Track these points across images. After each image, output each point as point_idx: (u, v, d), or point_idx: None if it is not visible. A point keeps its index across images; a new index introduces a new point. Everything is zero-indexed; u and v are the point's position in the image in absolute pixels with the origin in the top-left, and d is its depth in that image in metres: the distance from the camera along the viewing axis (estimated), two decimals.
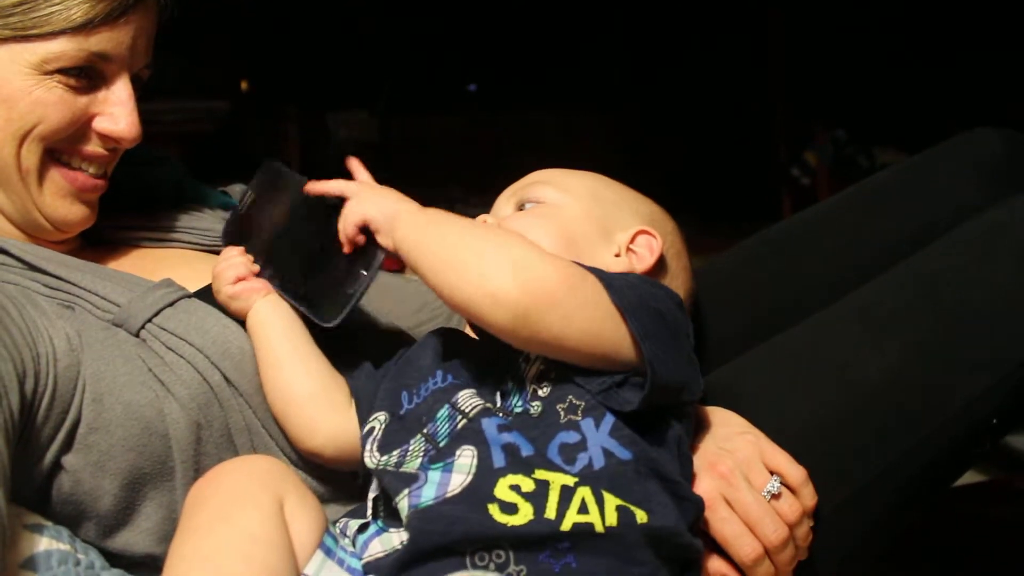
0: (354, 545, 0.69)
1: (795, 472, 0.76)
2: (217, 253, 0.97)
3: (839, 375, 0.85)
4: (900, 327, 0.86)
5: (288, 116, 3.63)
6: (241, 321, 0.83)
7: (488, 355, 0.72)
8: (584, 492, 0.63)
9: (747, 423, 0.79)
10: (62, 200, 0.86)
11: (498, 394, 0.71)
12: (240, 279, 0.83)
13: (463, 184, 3.56)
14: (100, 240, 0.94)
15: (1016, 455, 1.65)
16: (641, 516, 0.64)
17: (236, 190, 1.16)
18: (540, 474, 0.64)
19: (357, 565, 0.67)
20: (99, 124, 0.85)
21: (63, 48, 0.80)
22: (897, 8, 3.23)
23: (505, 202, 0.85)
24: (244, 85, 3.71)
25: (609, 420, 0.67)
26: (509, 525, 0.62)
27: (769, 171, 3.56)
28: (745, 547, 0.73)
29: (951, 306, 0.85)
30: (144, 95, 0.89)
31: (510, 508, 0.62)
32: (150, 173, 1.07)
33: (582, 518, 0.62)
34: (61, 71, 0.81)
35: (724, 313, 1.03)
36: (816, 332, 0.90)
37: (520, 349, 0.69)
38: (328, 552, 0.68)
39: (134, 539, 0.78)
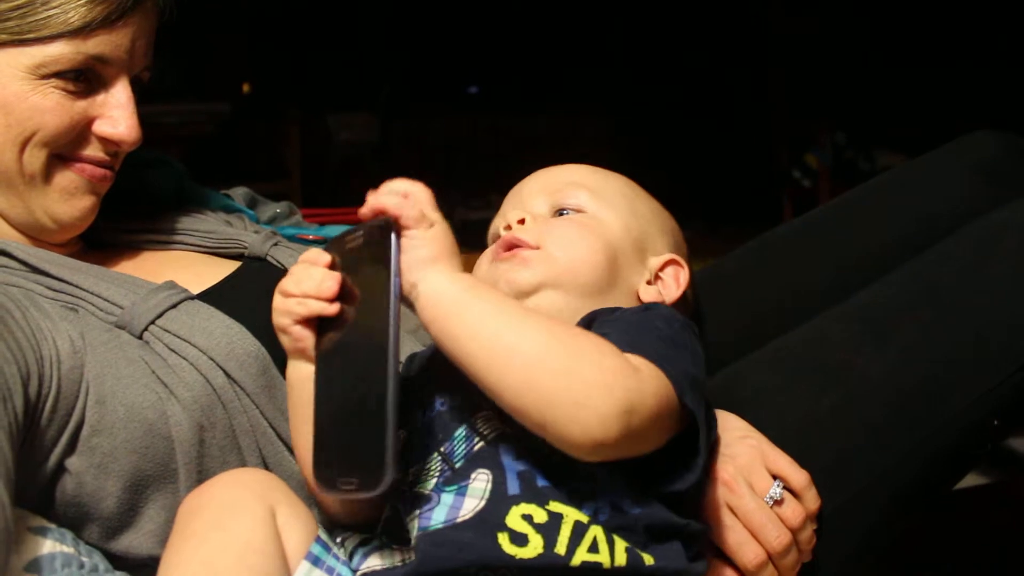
0: (350, 557, 0.68)
1: (798, 476, 0.76)
2: (218, 255, 0.97)
3: (840, 377, 0.85)
4: (901, 329, 0.86)
5: (289, 118, 3.64)
6: (243, 324, 0.83)
7: None
8: (596, 531, 0.63)
9: (749, 426, 0.79)
10: (70, 196, 0.85)
11: None
12: (305, 320, 0.68)
13: (463, 186, 3.56)
14: (102, 243, 0.95)
15: (1017, 457, 1.65)
16: (649, 559, 0.64)
17: (238, 192, 1.16)
18: (554, 506, 0.63)
19: (348, 574, 0.67)
20: (99, 128, 0.85)
21: (60, 52, 0.80)
22: (897, 12, 3.23)
23: (539, 200, 0.80)
24: (246, 87, 3.71)
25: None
26: (518, 557, 0.61)
27: (770, 174, 3.56)
28: (748, 554, 0.73)
29: (952, 308, 0.86)
30: (145, 97, 0.89)
31: (520, 539, 0.62)
32: (152, 175, 1.07)
33: (592, 556, 0.62)
34: (58, 75, 0.81)
35: (725, 315, 1.03)
36: (817, 334, 0.90)
37: None
38: (316, 562, 0.67)
39: (137, 541, 0.78)
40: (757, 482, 0.75)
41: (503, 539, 0.62)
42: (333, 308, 0.65)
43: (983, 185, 0.97)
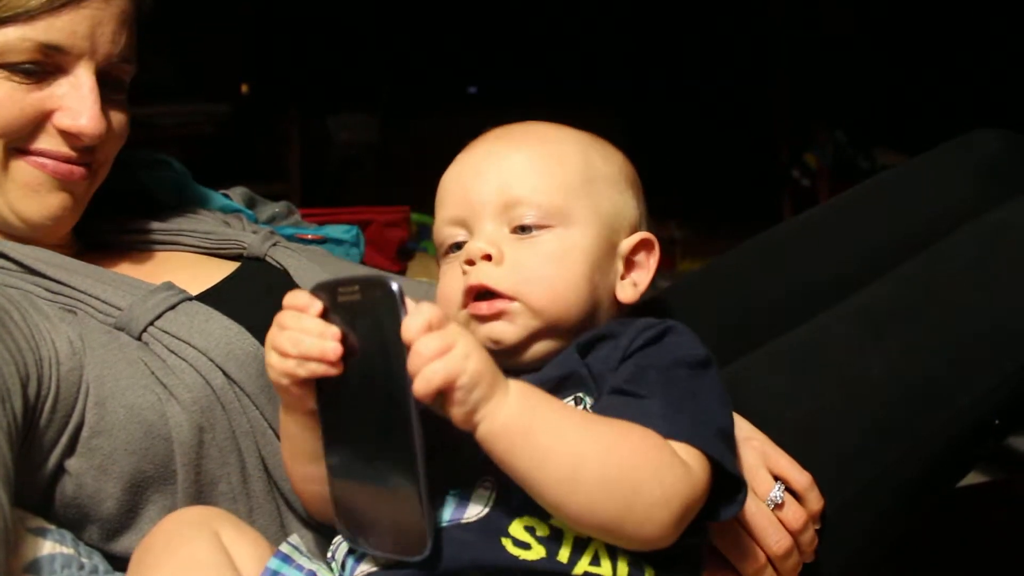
0: (342, 567, 0.67)
1: (800, 477, 0.76)
2: (217, 256, 0.97)
3: (841, 376, 0.85)
4: (902, 328, 0.86)
5: (289, 119, 3.63)
6: (242, 324, 0.83)
7: None
8: (598, 545, 0.63)
9: (751, 427, 0.79)
10: (34, 193, 0.82)
11: None
12: (291, 376, 0.63)
13: None
14: (101, 243, 0.94)
15: (1019, 456, 1.65)
16: (650, 572, 0.64)
17: (236, 193, 1.16)
18: (556, 522, 0.63)
19: None
20: (58, 120, 0.81)
21: (5, 39, 0.77)
22: (897, 10, 3.23)
23: (493, 214, 0.71)
24: (245, 88, 3.71)
25: None
26: (521, 559, 0.61)
27: (770, 173, 3.56)
28: (748, 558, 0.73)
29: (952, 307, 0.85)
30: (145, 98, 0.87)
31: (523, 545, 0.62)
32: (151, 176, 1.07)
33: (594, 569, 0.62)
34: (6, 66, 0.78)
35: (725, 314, 1.03)
36: (817, 333, 0.90)
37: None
38: (274, 574, 0.67)
39: (137, 542, 0.77)
40: (758, 485, 0.74)
41: (506, 543, 0.62)
42: (337, 370, 0.61)
43: (984, 184, 0.97)
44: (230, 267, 0.94)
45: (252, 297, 0.90)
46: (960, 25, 3.01)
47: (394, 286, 0.59)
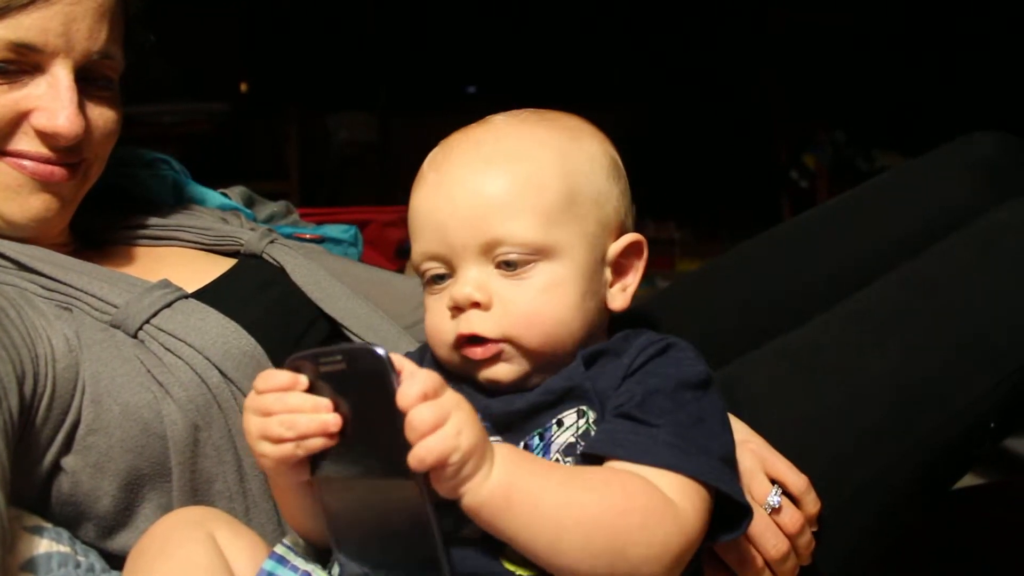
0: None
1: (797, 480, 0.76)
2: (214, 252, 0.96)
3: (838, 377, 0.85)
4: (900, 329, 0.86)
5: (288, 117, 3.63)
6: (239, 322, 0.83)
7: (517, 410, 0.67)
8: None
9: (748, 429, 0.78)
10: (15, 195, 0.81)
11: (521, 445, 0.66)
12: (289, 460, 0.61)
13: None
14: (98, 241, 0.94)
15: (1017, 458, 1.65)
16: None
17: (235, 192, 1.16)
18: None
19: None
20: (35, 120, 0.79)
21: None
22: (896, 11, 3.23)
23: (472, 262, 0.67)
24: (244, 86, 3.71)
25: None
26: (518, 574, 0.62)
27: (769, 173, 3.56)
28: (745, 562, 0.73)
29: (950, 308, 0.85)
30: (144, 97, 0.87)
31: (523, 562, 0.62)
32: (149, 174, 1.07)
33: None
34: None
35: (723, 315, 1.03)
36: (816, 334, 0.90)
37: (554, 414, 0.66)
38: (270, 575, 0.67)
39: (133, 540, 0.78)
40: (756, 488, 0.74)
41: (504, 560, 0.62)
42: (334, 441, 0.60)
43: (982, 185, 0.97)
44: (227, 263, 0.94)
45: (249, 294, 0.90)
46: (959, 27, 3.02)
47: (381, 352, 0.58)
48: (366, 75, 3.82)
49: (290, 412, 0.60)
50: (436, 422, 0.57)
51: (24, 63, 0.78)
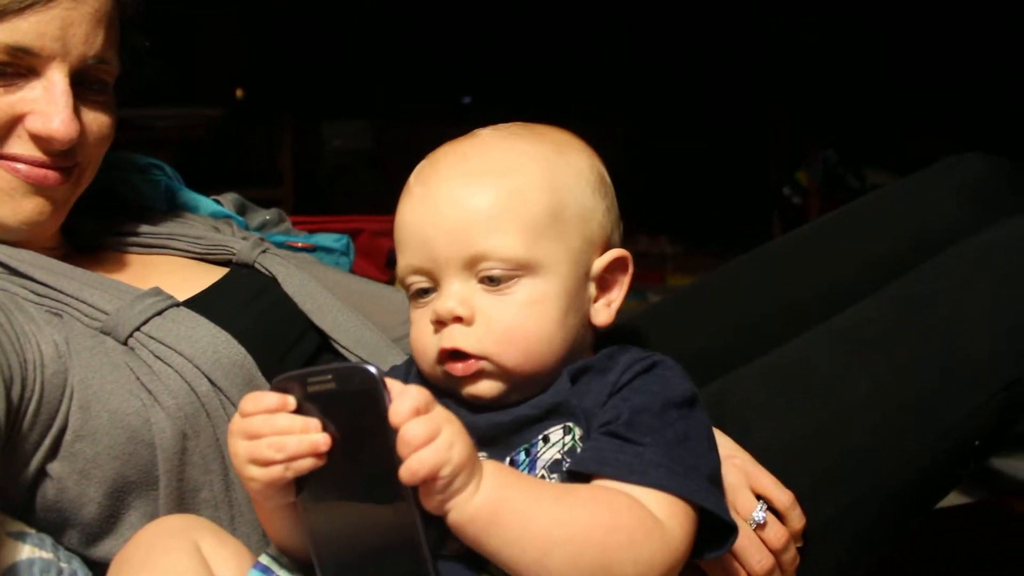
0: None
1: (782, 496, 0.76)
2: (206, 261, 0.96)
3: (826, 394, 0.85)
4: (887, 347, 0.86)
5: (283, 124, 3.63)
6: (229, 331, 0.83)
7: (502, 424, 0.67)
8: None
9: (734, 445, 0.79)
10: (8, 198, 0.81)
11: (507, 461, 0.66)
12: (278, 482, 0.60)
13: None
14: (90, 246, 0.94)
15: (1001, 477, 1.66)
16: None
17: (228, 199, 1.16)
18: None
19: None
20: (30, 124, 0.79)
21: None
22: (889, 30, 3.26)
23: (456, 276, 0.67)
24: (239, 93, 3.71)
25: None
26: None
27: (761, 190, 3.58)
28: None
29: (938, 327, 0.86)
30: (139, 101, 0.86)
31: None
32: (142, 180, 1.07)
33: None
34: None
35: (712, 330, 1.03)
36: (804, 351, 0.90)
37: (540, 430, 0.67)
38: None
39: (117, 547, 0.77)
40: (740, 504, 0.75)
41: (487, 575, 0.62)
42: (323, 460, 0.59)
43: (970, 206, 0.98)
44: (219, 273, 0.94)
45: (240, 304, 0.89)
46: (951, 46, 3.04)
47: (373, 370, 0.58)
48: (362, 84, 3.83)
49: (279, 434, 0.59)
50: (429, 435, 0.57)
51: (20, 66, 0.79)
